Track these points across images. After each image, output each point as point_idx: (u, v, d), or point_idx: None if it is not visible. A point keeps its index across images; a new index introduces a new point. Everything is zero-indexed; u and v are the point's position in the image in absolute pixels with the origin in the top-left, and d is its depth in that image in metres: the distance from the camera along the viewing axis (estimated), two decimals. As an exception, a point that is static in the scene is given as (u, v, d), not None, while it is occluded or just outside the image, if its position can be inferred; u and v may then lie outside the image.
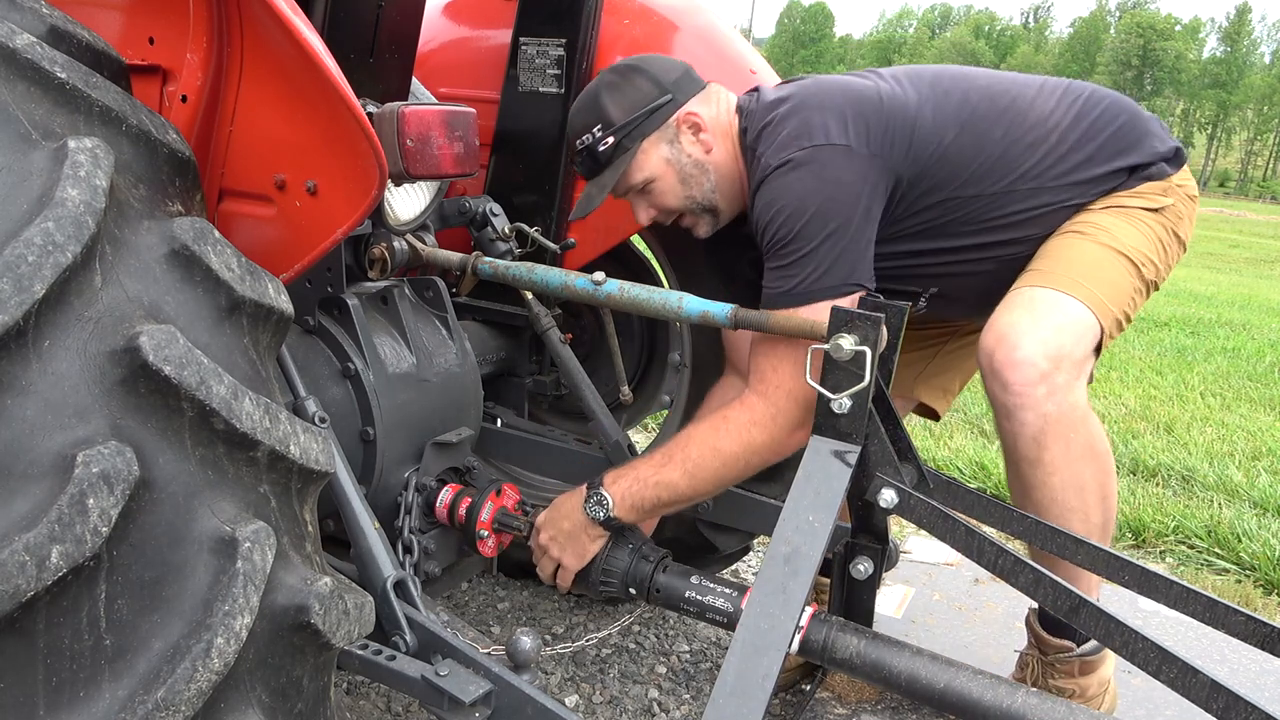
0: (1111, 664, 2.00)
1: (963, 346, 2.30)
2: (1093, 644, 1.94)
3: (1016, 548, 1.76)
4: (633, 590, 1.87)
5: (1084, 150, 1.89)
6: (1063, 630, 1.96)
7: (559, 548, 1.88)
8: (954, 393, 2.40)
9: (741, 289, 2.03)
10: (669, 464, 1.81)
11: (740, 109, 1.94)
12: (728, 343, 2.16)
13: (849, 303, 1.75)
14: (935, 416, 2.40)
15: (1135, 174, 1.91)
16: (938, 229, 1.91)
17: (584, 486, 1.89)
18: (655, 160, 1.91)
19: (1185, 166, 1.97)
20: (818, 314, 1.70)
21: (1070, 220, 1.90)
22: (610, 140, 1.89)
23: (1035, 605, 2.02)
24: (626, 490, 1.83)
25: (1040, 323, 1.74)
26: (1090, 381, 1.83)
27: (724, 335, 2.16)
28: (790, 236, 1.75)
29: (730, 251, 2.14)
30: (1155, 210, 1.91)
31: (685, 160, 1.92)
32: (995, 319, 1.80)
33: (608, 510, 1.83)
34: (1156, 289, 1.98)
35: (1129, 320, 1.90)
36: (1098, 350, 1.81)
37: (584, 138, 1.91)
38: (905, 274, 1.95)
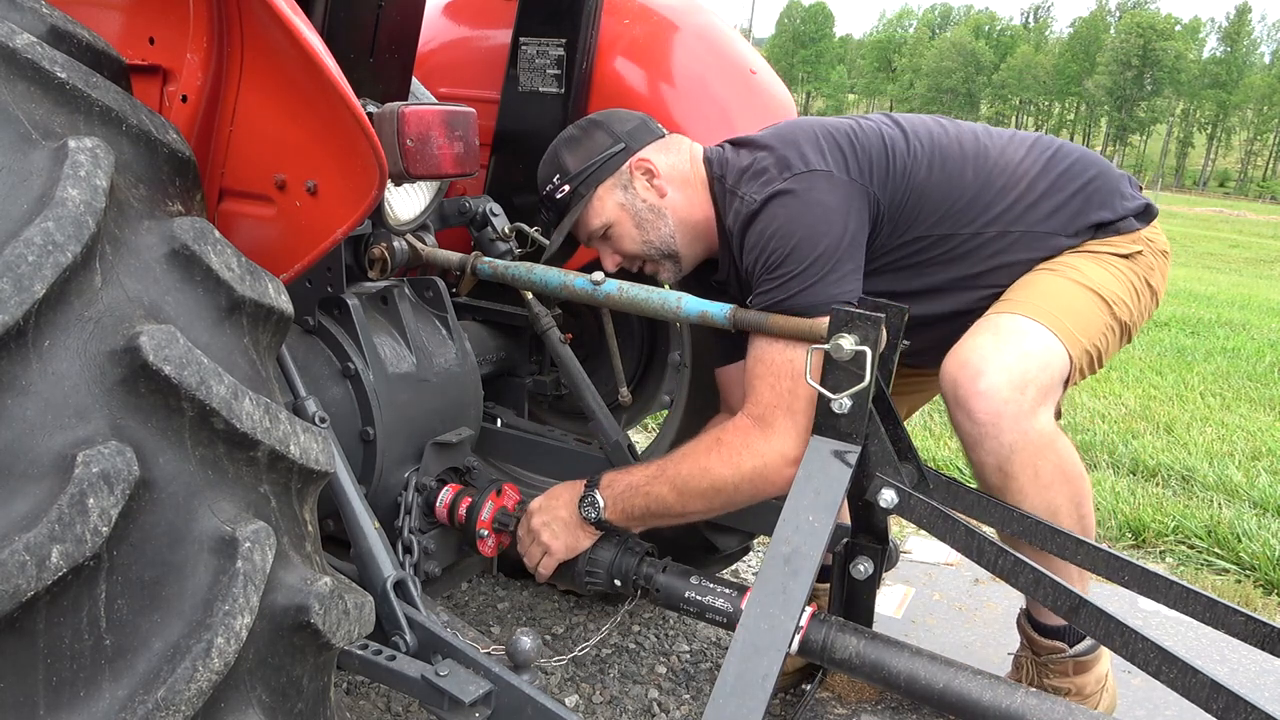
0: (1108, 661, 2.00)
1: (910, 379, 2.26)
2: (1086, 644, 1.94)
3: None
4: (618, 582, 1.87)
5: (1053, 199, 1.89)
6: (1054, 631, 1.96)
7: (551, 534, 1.89)
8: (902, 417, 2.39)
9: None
10: (660, 478, 1.81)
11: (709, 159, 1.97)
12: (722, 383, 2.15)
13: None
14: None
15: (1104, 229, 1.90)
16: (912, 267, 1.90)
17: (581, 481, 1.91)
18: (610, 205, 1.95)
19: (1155, 222, 1.97)
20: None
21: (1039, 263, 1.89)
22: (566, 188, 1.95)
23: (1025, 606, 2.03)
24: (618, 496, 1.85)
25: (1004, 349, 1.72)
26: (1059, 417, 1.81)
27: (718, 376, 2.15)
28: (780, 260, 1.76)
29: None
30: (1125, 256, 1.90)
31: (640, 205, 1.94)
32: (959, 346, 1.77)
33: (599, 513, 1.85)
34: (1130, 338, 1.96)
35: (1101, 360, 1.88)
36: (1066, 383, 1.78)
37: (545, 188, 1.98)
38: None
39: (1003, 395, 1.69)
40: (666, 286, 2.06)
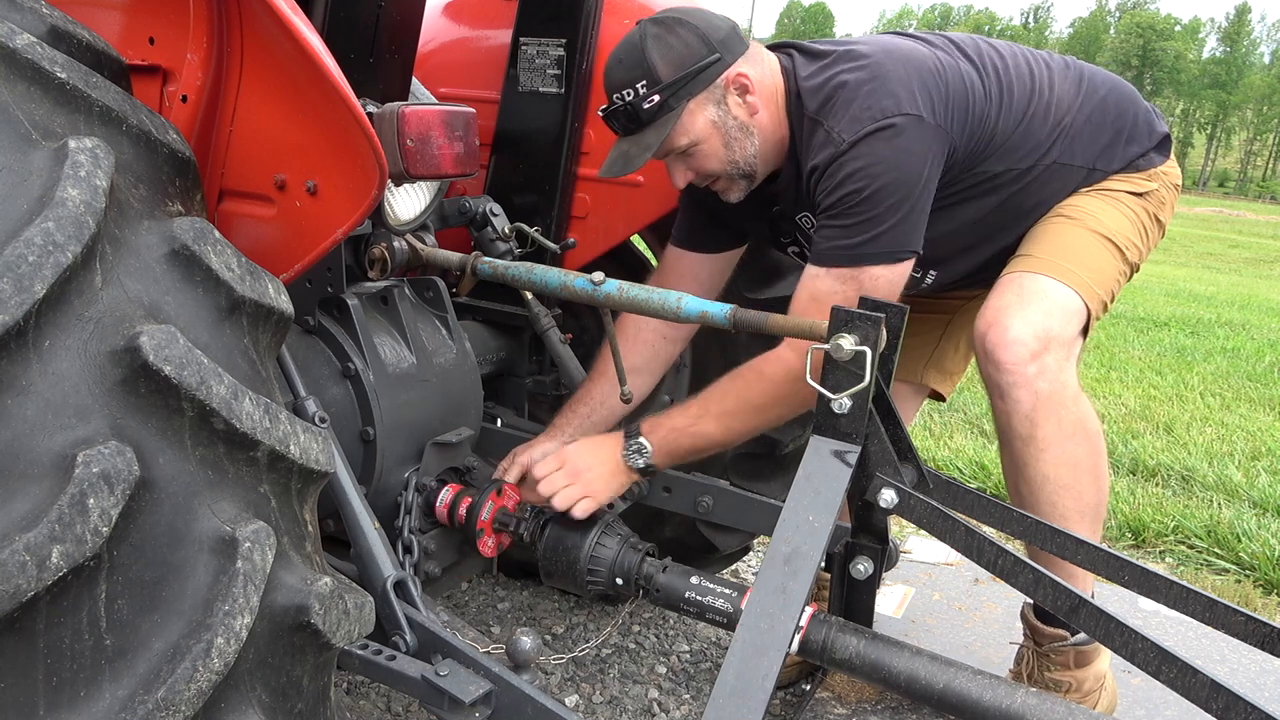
0: (1107, 659, 2.00)
1: (961, 325, 2.34)
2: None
3: (1016, 548, 1.76)
4: (619, 581, 1.87)
5: (1086, 134, 1.97)
6: (1056, 619, 1.96)
7: (597, 477, 1.88)
8: (958, 373, 2.45)
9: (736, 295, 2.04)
10: (705, 416, 1.87)
11: (785, 70, 1.90)
12: (668, 262, 2.14)
13: (900, 270, 1.80)
14: (942, 398, 2.49)
15: (1126, 166, 1.98)
16: (956, 202, 1.94)
17: (615, 434, 1.94)
18: (701, 122, 1.82)
19: (1171, 155, 2.05)
20: (870, 277, 1.77)
21: (1057, 204, 1.97)
22: (656, 99, 1.77)
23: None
24: (663, 440, 1.89)
25: (1030, 307, 1.83)
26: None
27: (667, 252, 2.15)
28: (857, 203, 1.75)
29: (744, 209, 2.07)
30: (1139, 195, 1.98)
31: (731, 123, 1.84)
32: (987, 304, 1.87)
33: (646, 458, 1.89)
34: (1137, 270, 2.05)
35: (1112, 300, 1.99)
36: (1085, 331, 1.89)
37: (625, 93, 1.79)
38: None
39: (1030, 346, 1.79)
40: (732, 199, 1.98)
